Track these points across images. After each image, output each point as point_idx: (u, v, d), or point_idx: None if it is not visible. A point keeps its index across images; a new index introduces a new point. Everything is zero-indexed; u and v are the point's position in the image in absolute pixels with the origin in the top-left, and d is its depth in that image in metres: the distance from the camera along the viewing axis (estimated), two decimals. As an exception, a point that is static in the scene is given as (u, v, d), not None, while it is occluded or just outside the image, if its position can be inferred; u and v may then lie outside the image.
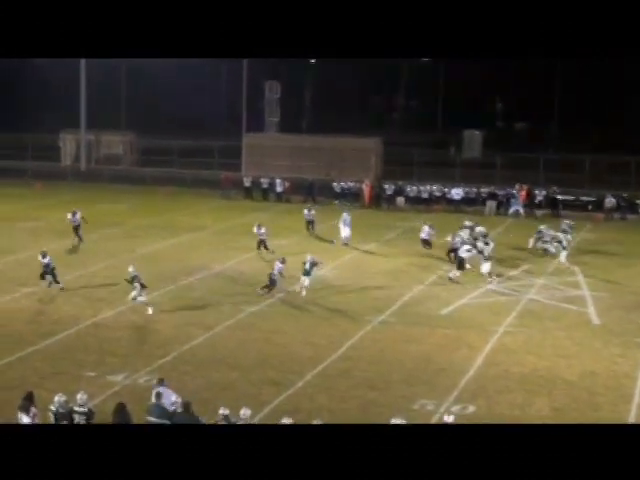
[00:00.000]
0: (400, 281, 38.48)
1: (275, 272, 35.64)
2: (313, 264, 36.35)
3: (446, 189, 60.49)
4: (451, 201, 59.73)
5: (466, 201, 59.47)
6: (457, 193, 59.76)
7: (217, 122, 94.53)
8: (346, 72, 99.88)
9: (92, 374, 26.27)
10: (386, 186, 61.24)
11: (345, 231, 45.38)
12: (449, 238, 41.25)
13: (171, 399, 21.40)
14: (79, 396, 20.51)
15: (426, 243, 43.23)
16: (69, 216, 45.20)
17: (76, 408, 20.26)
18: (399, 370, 27.32)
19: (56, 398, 20.36)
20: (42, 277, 35.69)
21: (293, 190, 61.40)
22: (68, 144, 77.57)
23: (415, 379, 26.60)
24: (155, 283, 36.73)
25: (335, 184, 61.78)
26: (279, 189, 61.68)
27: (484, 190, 59.69)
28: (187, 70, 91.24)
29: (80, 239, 45.19)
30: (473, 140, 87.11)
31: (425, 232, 43.36)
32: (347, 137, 72.69)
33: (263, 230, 42.46)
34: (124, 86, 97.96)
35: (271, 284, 35.65)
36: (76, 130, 76.16)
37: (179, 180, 67.63)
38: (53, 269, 35.73)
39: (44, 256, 35.86)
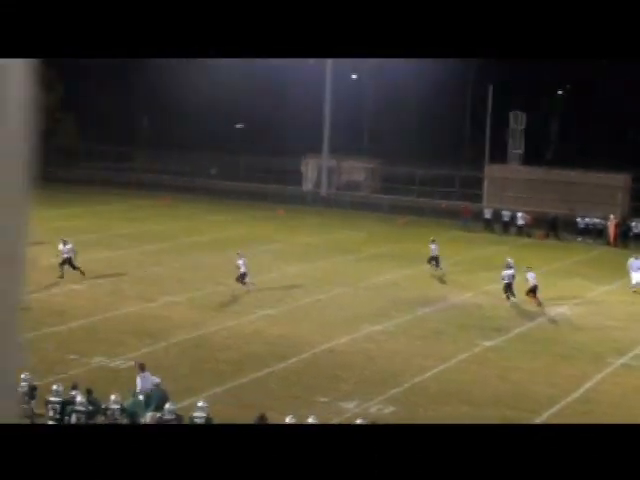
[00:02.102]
0: (644, 323, 36.85)
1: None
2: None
3: (700, 228, 57.63)
4: None
5: None
6: None
7: (459, 152, 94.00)
8: (598, 102, 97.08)
9: (324, 399, 26.28)
10: (633, 224, 58.98)
11: (637, 277, 43.12)
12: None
13: (154, 381, 23.59)
14: (310, 420, 20.49)
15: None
16: (60, 247, 41.10)
17: (306, 433, 20.24)
18: (641, 417, 26.00)
19: (287, 420, 20.41)
20: None
21: (534, 224, 60.06)
22: (310, 169, 78.83)
23: (658, 428, 25.18)
24: (391, 312, 36.66)
25: (579, 220, 59.98)
26: (520, 222, 60.42)
27: None
28: (431, 98, 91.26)
29: (62, 272, 40.37)
30: None
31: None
32: (593, 172, 70.65)
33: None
34: (369, 112, 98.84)
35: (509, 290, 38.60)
36: (319, 155, 77.31)
37: (418, 209, 67.47)
38: None
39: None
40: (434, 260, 44.70)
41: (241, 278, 39.06)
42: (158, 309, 36.23)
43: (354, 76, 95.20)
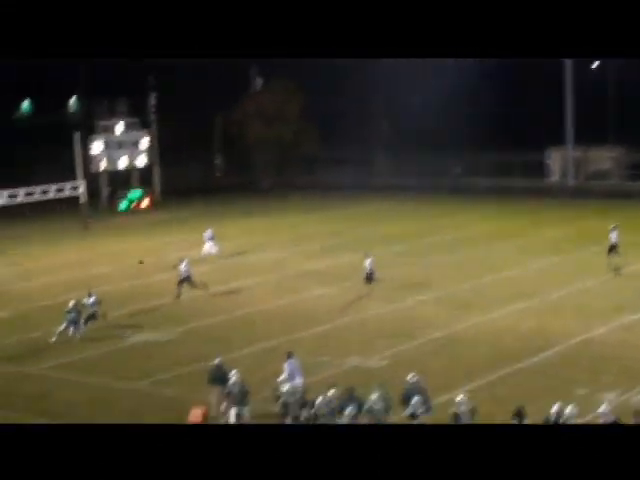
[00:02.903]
0: None
1: None
2: None
3: None
4: None
5: None
6: None
7: None
8: None
9: (583, 391, 25.43)
10: None
11: None
12: None
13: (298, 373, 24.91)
14: (568, 410, 19.85)
15: None
16: (181, 267, 39.02)
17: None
18: None
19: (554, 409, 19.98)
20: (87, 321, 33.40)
21: None
22: (555, 161, 77.27)
23: None
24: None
25: None
26: None
27: None
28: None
29: (179, 291, 38.44)
30: None
31: None
32: None
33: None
34: (612, 99, 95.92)
35: None
36: (562, 147, 75.61)
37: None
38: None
39: (89, 296, 34.12)
40: (613, 249, 41.86)
41: (369, 278, 38.31)
42: (407, 309, 36.14)
43: (594, 65, 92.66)
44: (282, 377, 24.86)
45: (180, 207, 67.57)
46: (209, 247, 47.39)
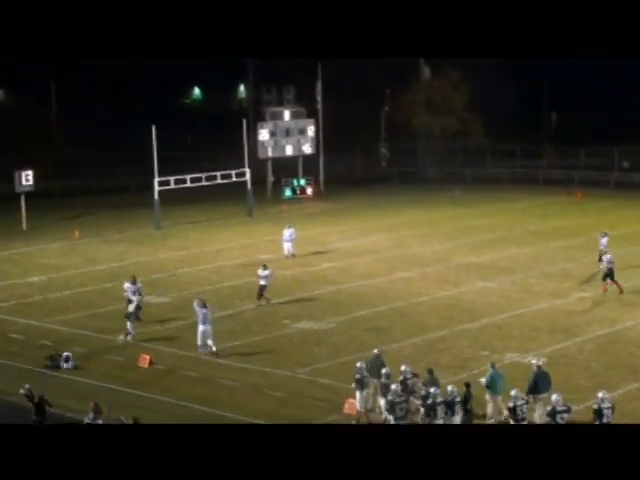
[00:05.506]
0: None
1: None
2: None
3: None
4: None
5: None
6: None
7: None
8: None
9: None
10: None
11: None
12: None
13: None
14: None
15: None
16: (126, 284, 34.50)
17: None
18: None
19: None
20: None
21: None
22: None
23: None
24: None
25: None
26: None
27: None
28: None
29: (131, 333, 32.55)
30: None
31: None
32: None
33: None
34: None
35: None
36: None
37: None
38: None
39: (133, 282, 33.55)
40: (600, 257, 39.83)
41: (260, 291, 36.06)
42: (570, 305, 35.42)
43: None
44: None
45: (343, 196, 67.65)
46: (287, 248, 45.60)
